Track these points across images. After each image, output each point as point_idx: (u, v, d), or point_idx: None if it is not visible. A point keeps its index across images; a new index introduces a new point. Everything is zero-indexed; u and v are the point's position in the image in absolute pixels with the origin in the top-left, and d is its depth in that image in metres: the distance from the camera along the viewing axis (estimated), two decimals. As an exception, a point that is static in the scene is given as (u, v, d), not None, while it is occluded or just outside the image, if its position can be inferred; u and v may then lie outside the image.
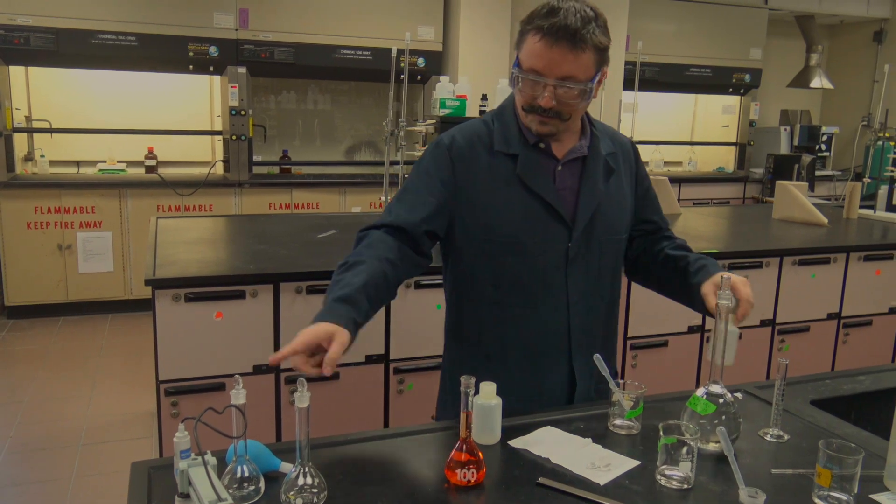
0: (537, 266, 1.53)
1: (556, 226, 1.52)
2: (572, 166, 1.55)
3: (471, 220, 1.53)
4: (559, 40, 1.38)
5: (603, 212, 1.56)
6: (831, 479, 1.15)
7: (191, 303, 2.43)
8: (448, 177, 1.52)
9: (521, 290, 1.53)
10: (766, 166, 6.82)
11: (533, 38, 1.41)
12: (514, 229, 1.51)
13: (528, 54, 1.42)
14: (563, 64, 1.39)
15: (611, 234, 1.59)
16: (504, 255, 1.53)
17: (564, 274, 1.54)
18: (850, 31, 7.88)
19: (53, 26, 4.80)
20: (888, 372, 1.81)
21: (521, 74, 1.44)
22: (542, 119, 1.47)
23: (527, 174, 1.51)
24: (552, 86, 1.41)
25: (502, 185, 1.51)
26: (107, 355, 4.43)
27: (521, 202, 1.51)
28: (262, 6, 5.24)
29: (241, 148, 5.36)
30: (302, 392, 1.06)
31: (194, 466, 0.98)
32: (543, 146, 1.53)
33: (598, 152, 1.57)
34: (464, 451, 1.18)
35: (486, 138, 1.55)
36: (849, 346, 3.53)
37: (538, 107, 1.45)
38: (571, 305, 1.55)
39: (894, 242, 3.58)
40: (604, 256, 1.59)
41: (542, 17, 1.40)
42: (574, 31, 1.37)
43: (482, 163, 1.52)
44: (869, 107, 7.57)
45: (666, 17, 6.64)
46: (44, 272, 4.99)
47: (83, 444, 3.32)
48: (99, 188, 5.05)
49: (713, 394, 1.36)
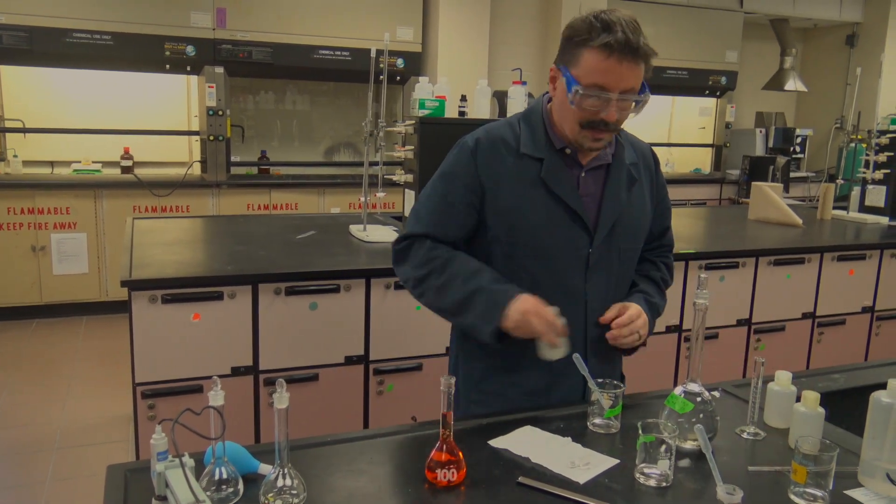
0: (557, 270, 1.54)
1: (578, 231, 1.53)
2: (596, 174, 1.57)
3: (493, 221, 1.54)
4: (626, 55, 1.38)
5: (624, 220, 1.58)
6: (807, 476, 1.16)
7: (168, 304, 2.40)
8: (474, 182, 1.53)
9: (539, 293, 1.51)
10: (741, 168, 6.90)
11: (597, 54, 1.39)
12: (537, 232, 1.52)
13: (593, 70, 1.40)
14: (629, 78, 1.41)
15: (631, 242, 1.62)
16: (525, 257, 1.54)
17: (584, 280, 1.55)
18: (824, 35, 8.00)
19: (27, 24, 4.73)
20: (862, 370, 1.84)
21: (584, 91, 1.41)
22: (598, 135, 1.47)
23: (551, 178, 1.52)
24: (616, 100, 1.41)
25: (527, 188, 1.52)
26: (82, 358, 4.38)
27: (545, 206, 1.52)
28: (239, 6, 5.21)
29: (219, 148, 5.32)
30: (281, 393, 1.06)
31: (171, 468, 0.97)
32: (569, 152, 1.54)
33: (622, 161, 1.59)
34: (444, 451, 1.18)
35: (511, 140, 1.55)
36: (823, 345, 3.58)
37: (600, 122, 1.44)
38: (590, 312, 1.56)
39: (867, 243, 3.64)
40: (623, 264, 1.61)
41: (601, 31, 1.38)
42: (636, 45, 1.38)
43: (507, 164, 1.53)
44: (842, 109, 7.68)
45: (643, 19, 6.48)
46: (17, 274, 4.91)
47: (58, 448, 3.27)
48: (73, 189, 4.98)
49: (691, 392, 1.38)
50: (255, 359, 2.54)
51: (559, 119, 1.52)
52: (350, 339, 2.64)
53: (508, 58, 5.94)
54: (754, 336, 3.43)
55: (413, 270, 1.55)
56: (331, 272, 2.60)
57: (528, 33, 6.14)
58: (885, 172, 4.24)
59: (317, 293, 2.58)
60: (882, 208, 4.28)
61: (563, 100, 1.47)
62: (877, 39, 7.38)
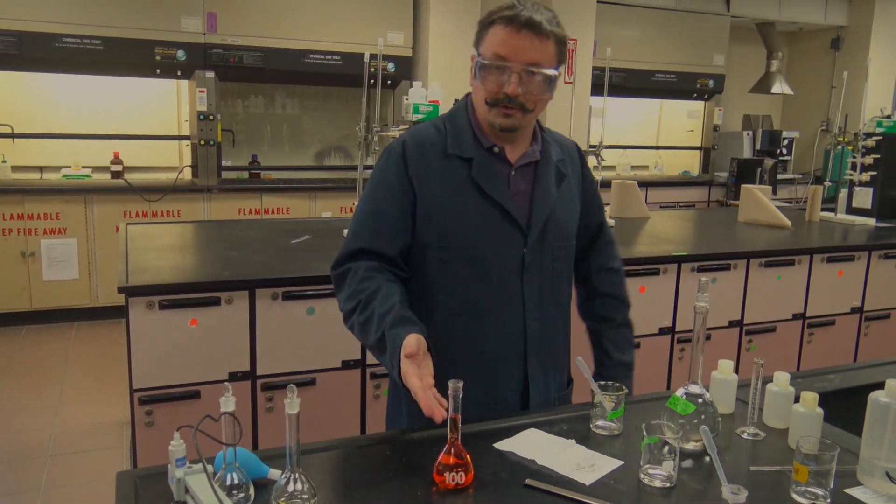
0: (493, 273, 1.51)
1: (511, 231, 1.51)
2: (525, 171, 1.55)
3: (425, 226, 1.50)
4: (524, 27, 1.41)
5: (556, 217, 1.56)
6: (808, 475, 1.19)
7: (165, 310, 2.40)
8: (406, 186, 1.50)
9: (476, 296, 1.51)
10: (729, 170, 6.96)
11: (497, 28, 1.43)
12: (470, 235, 1.49)
13: (493, 43, 1.43)
14: (530, 50, 1.41)
15: (564, 239, 1.60)
16: (459, 261, 1.50)
17: (520, 280, 1.53)
18: (809, 39, 8.09)
19: (16, 29, 4.71)
20: (856, 370, 1.87)
21: (485, 62, 1.44)
22: (506, 111, 1.45)
23: (482, 178, 1.50)
24: (518, 72, 1.42)
25: (457, 190, 1.49)
26: (73, 364, 4.35)
27: (477, 207, 1.49)
28: (230, 10, 5.20)
29: (210, 153, 5.31)
30: (292, 398, 1.07)
31: (191, 474, 0.98)
32: (497, 150, 1.52)
33: (550, 157, 1.58)
34: (451, 454, 1.19)
35: (438, 142, 1.52)
36: (813, 346, 3.62)
37: (503, 97, 1.44)
38: (528, 312, 1.54)
39: (855, 244, 3.69)
40: (557, 262, 1.59)
41: (504, 10, 1.43)
42: (538, 21, 1.41)
43: (435, 167, 1.50)
44: (827, 112, 7.78)
45: (631, 23, 6.75)
46: (6, 280, 4.88)
47: (52, 455, 3.26)
48: (63, 194, 4.95)
49: (692, 394, 1.40)
50: (253, 364, 2.55)
51: (476, 105, 1.53)
52: (347, 343, 2.65)
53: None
54: (746, 337, 3.46)
55: (344, 302, 1.49)
56: (327, 277, 2.57)
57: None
58: (871, 174, 4.29)
59: (314, 298, 2.59)
60: (869, 210, 4.33)
61: (477, 86, 1.49)
62: (861, 43, 7.48)
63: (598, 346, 1.75)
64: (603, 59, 4.03)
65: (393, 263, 1.51)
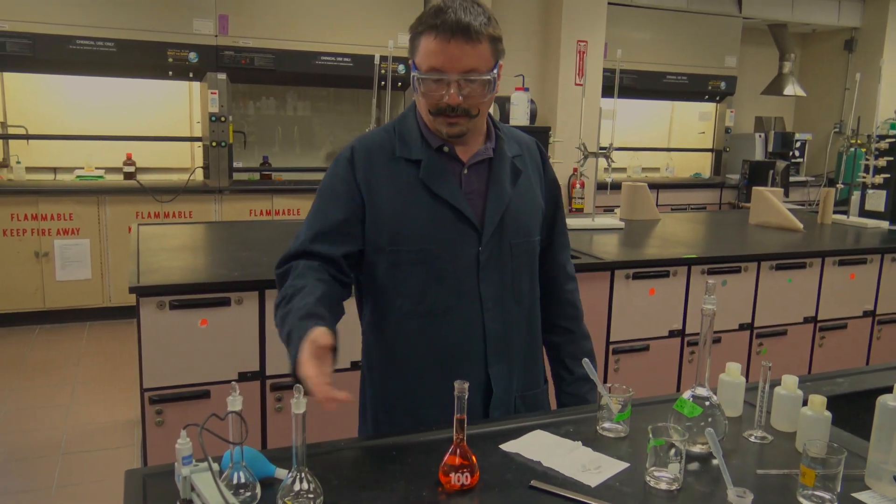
0: (448, 273, 1.49)
1: (465, 230, 1.49)
2: (479, 169, 1.53)
3: (376, 230, 1.48)
4: (455, 35, 1.36)
5: (512, 214, 1.53)
6: (815, 479, 1.18)
7: (175, 310, 2.42)
8: (354, 192, 1.48)
9: (432, 298, 1.49)
10: (741, 172, 6.93)
11: (427, 38, 1.39)
12: (422, 237, 1.47)
13: (426, 54, 1.40)
14: (463, 58, 1.38)
15: (522, 236, 1.56)
16: (413, 264, 1.48)
17: (477, 279, 1.50)
18: (822, 40, 8.04)
19: (30, 31, 4.76)
20: (865, 374, 1.86)
21: (422, 76, 1.41)
22: (451, 120, 1.44)
23: (431, 179, 1.48)
24: (456, 81, 1.39)
25: (406, 192, 1.47)
26: (85, 364, 4.39)
27: (427, 209, 1.47)
28: (242, 13, 5.23)
29: (221, 154, 5.34)
30: (298, 398, 1.07)
31: (197, 472, 0.99)
32: (447, 150, 1.50)
33: (504, 154, 1.55)
34: (457, 455, 1.20)
35: (387, 146, 1.51)
36: (825, 349, 3.60)
37: (445, 107, 1.42)
38: (486, 311, 1.51)
39: (868, 247, 3.66)
40: (516, 259, 1.55)
41: (431, 17, 1.39)
42: (467, 24, 1.37)
43: (384, 171, 1.49)
44: (840, 114, 7.72)
45: (642, 25, 6.74)
46: (20, 280, 4.93)
47: (63, 454, 3.28)
48: (76, 195, 5.00)
49: (699, 396, 1.39)
50: (262, 364, 2.56)
51: (421, 112, 1.50)
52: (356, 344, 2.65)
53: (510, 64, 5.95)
54: (756, 340, 3.45)
55: (277, 299, 1.45)
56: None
57: (528, 40, 6.17)
58: (884, 177, 4.26)
59: (323, 299, 2.59)
60: (882, 213, 4.30)
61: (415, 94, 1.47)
62: (875, 44, 7.43)
63: (557, 359, 1.72)
64: (614, 61, 4.02)
65: (334, 266, 1.48)
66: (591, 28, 6.03)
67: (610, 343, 3.15)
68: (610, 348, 3.16)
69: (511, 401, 1.59)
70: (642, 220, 4.21)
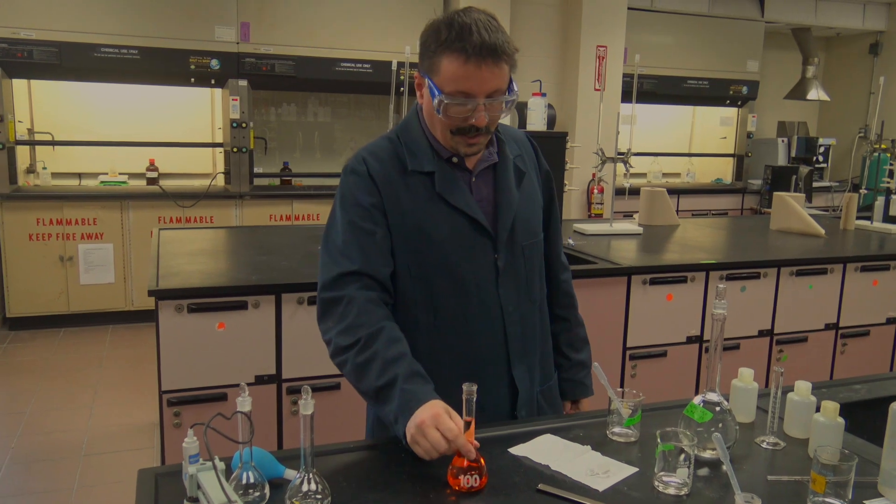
0: (470, 284, 1.48)
1: (481, 239, 1.49)
2: (485, 175, 1.53)
3: (399, 245, 1.46)
4: (485, 58, 1.33)
5: (521, 216, 1.54)
6: (826, 486, 1.17)
7: (194, 313, 2.45)
8: (380, 205, 1.45)
9: (455, 309, 1.49)
10: (763, 177, 6.86)
11: (453, 60, 1.34)
12: (445, 249, 1.46)
13: (454, 78, 1.36)
14: (492, 80, 1.36)
15: (531, 236, 1.58)
16: (437, 277, 1.47)
17: (496, 286, 1.51)
18: (846, 44, 7.95)
19: (57, 40, 4.85)
20: (883, 381, 1.84)
21: (449, 100, 1.37)
22: (471, 140, 1.43)
23: (446, 191, 1.46)
24: (482, 104, 1.37)
25: (425, 206, 1.46)
26: (108, 366, 4.45)
27: (446, 220, 1.46)
28: (263, 20, 5.29)
29: (242, 160, 5.40)
30: (307, 400, 1.09)
31: (203, 471, 1.00)
32: (457, 160, 1.49)
33: (507, 156, 1.55)
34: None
35: (396, 159, 1.48)
36: (847, 357, 3.55)
37: (470, 128, 1.40)
38: (506, 316, 1.52)
39: (891, 253, 3.61)
40: (528, 261, 1.57)
41: (456, 37, 1.34)
42: (493, 45, 1.34)
43: (399, 184, 1.46)
44: (865, 118, 7.62)
45: (663, 29, 6.70)
46: (45, 284, 5.01)
47: (85, 455, 3.33)
48: (100, 200, 5.08)
49: (710, 402, 1.39)
50: (279, 367, 2.58)
51: (431, 127, 1.48)
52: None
53: (528, 69, 5.96)
54: (776, 347, 3.41)
55: (338, 336, 1.40)
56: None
57: (547, 44, 6.17)
58: (909, 182, 4.20)
59: (339, 303, 2.61)
60: (906, 218, 4.24)
61: (431, 108, 1.42)
62: (901, 48, 7.33)
63: (555, 348, 1.73)
64: (633, 66, 4.01)
65: (385, 289, 1.46)
66: (611, 33, 6.01)
67: (627, 349, 3.13)
68: (627, 354, 3.14)
69: (534, 397, 1.61)
70: (661, 225, 4.19)
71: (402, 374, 1.33)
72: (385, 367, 1.34)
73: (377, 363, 1.35)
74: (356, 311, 1.40)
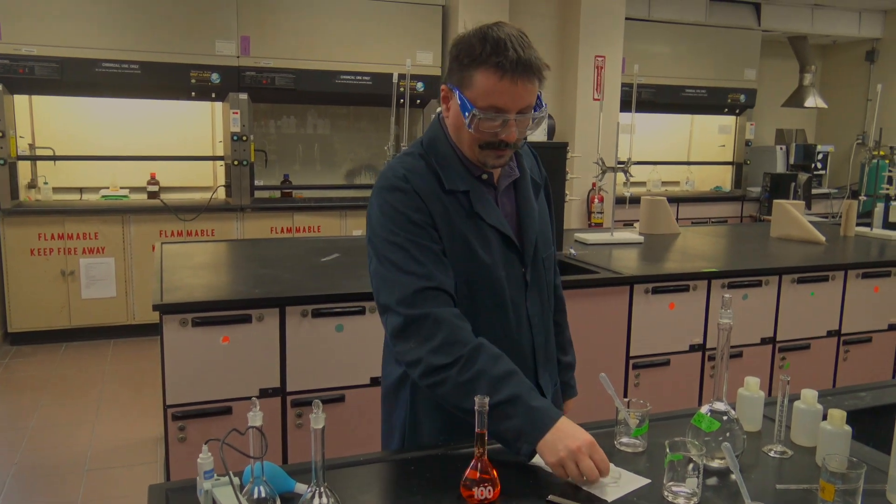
0: (507, 298, 1.52)
1: (511, 255, 1.53)
2: (507, 191, 1.56)
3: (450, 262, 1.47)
4: (521, 75, 1.34)
5: (540, 229, 1.59)
6: (835, 494, 1.17)
7: (198, 327, 2.45)
8: (431, 221, 1.44)
9: (495, 324, 1.51)
10: (762, 185, 6.89)
11: (489, 75, 1.35)
12: (488, 267, 1.48)
13: (489, 92, 1.36)
14: (525, 95, 1.37)
15: (549, 248, 1.63)
16: (484, 296, 1.49)
17: (525, 298, 1.55)
18: (843, 51, 7.99)
19: (58, 56, 4.87)
20: (887, 388, 1.84)
21: (481, 115, 1.37)
22: (500, 153, 1.44)
23: (482, 209, 1.48)
24: (514, 119, 1.38)
25: (465, 224, 1.47)
26: (110, 381, 4.44)
27: (485, 238, 1.48)
28: (263, 33, 5.32)
29: (243, 173, 5.41)
30: (318, 414, 1.09)
31: (219, 486, 1.01)
32: (486, 177, 1.51)
33: (525, 170, 1.59)
34: (478, 469, 1.20)
35: (431, 177, 1.46)
36: (849, 363, 3.56)
37: (501, 142, 1.41)
38: (533, 327, 1.57)
39: (892, 259, 3.62)
40: (548, 271, 1.63)
41: (492, 52, 1.34)
42: (529, 62, 1.35)
43: (439, 202, 1.45)
44: (863, 125, 7.65)
45: (661, 39, 6.74)
46: (47, 298, 5.01)
47: (88, 470, 3.33)
48: (102, 214, 5.09)
49: (717, 411, 1.39)
50: (283, 380, 2.58)
51: (457, 140, 1.48)
52: (375, 360, 2.66)
53: (527, 80, 6.00)
54: (779, 354, 3.41)
55: (431, 355, 1.36)
56: (356, 294, 2.64)
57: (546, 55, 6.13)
58: (908, 188, 4.22)
59: (342, 315, 2.62)
60: (906, 225, 4.25)
61: (459, 122, 1.42)
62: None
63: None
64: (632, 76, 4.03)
65: (456, 303, 1.45)
66: (609, 43, 6.04)
67: (630, 357, 3.14)
68: (630, 363, 3.14)
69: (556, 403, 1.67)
70: (662, 234, 4.20)
71: (524, 391, 1.34)
72: (497, 384, 1.33)
73: (485, 380, 1.33)
74: (448, 328, 1.38)
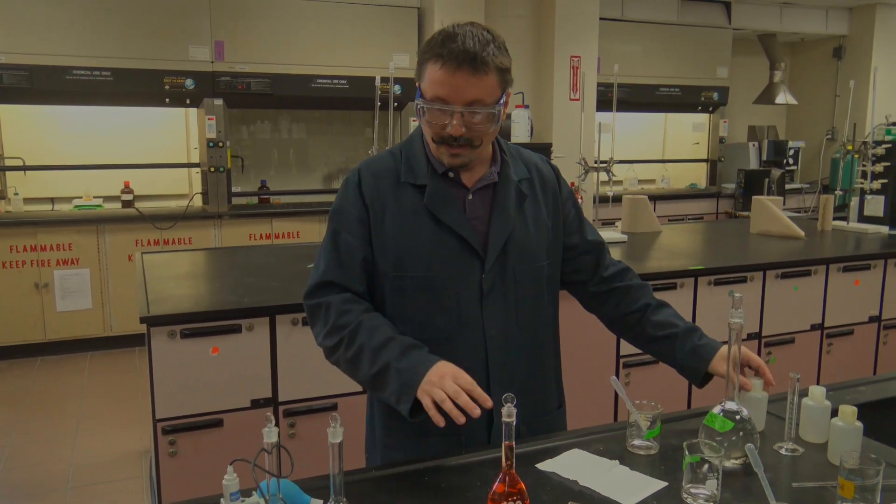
0: (451, 301, 1.46)
1: (468, 258, 1.47)
2: (483, 194, 1.50)
3: (381, 256, 1.47)
4: (461, 65, 1.34)
5: (517, 239, 1.50)
6: (854, 491, 1.17)
7: (186, 339, 2.40)
8: (363, 215, 1.48)
9: (435, 326, 1.47)
10: (737, 181, 6.97)
11: (433, 66, 1.36)
12: (425, 264, 1.45)
13: (431, 83, 1.37)
14: (468, 89, 1.35)
15: (527, 261, 1.52)
16: (416, 290, 1.47)
17: (480, 307, 1.48)
18: (811, 48, 8.13)
19: (27, 63, 4.76)
20: (886, 382, 1.86)
21: (426, 105, 1.39)
22: (453, 151, 1.42)
23: (435, 205, 1.46)
24: (459, 113, 1.37)
25: (411, 218, 1.46)
26: (89, 394, 4.35)
27: (431, 235, 1.45)
28: (237, 38, 5.25)
29: (220, 179, 5.34)
30: (335, 427, 1.07)
31: (246, 508, 0.98)
32: (452, 175, 1.48)
33: (509, 178, 1.52)
34: (506, 482, 1.17)
35: (393, 171, 1.49)
36: (833, 356, 3.60)
37: (449, 137, 1.40)
38: (489, 340, 1.48)
39: (871, 253, 3.67)
40: (520, 285, 1.52)
41: (439, 44, 1.36)
42: (474, 54, 1.34)
43: (389, 195, 1.47)
44: (832, 121, 7.79)
45: (634, 38, 6.79)
46: (21, 312, 4.89)
47: (72, 487, 3.24)
48: (75, 225, 4.98)
49: (729, 411, 1.39)
50: (275, 390, 2.54)
51: (427, 137, 1.48)
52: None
53: (504, 81, 6.00)
54: (765, 349, 3.44)
55: (324, 339, 1.47)
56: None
57: (521, 55, 6.20)
58: (882, 182, 4.29)
59: (334, 322, 2.58)
60: (881, 218, 4.32)
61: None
62: (864, 51, 7.51)
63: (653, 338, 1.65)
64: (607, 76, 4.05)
65: (363, 298, 1.50)
66: (584, 43, 6.07)
67: (620, 357, 3.14)
68: (620, 362, 3.15)
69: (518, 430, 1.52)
70: (644, 232, 4.22)
71: (393, 357, 1.37)
72: (374, 356, 1.39)
73: (365, 355, 1.40)
74: (335, 312, 1.46)
